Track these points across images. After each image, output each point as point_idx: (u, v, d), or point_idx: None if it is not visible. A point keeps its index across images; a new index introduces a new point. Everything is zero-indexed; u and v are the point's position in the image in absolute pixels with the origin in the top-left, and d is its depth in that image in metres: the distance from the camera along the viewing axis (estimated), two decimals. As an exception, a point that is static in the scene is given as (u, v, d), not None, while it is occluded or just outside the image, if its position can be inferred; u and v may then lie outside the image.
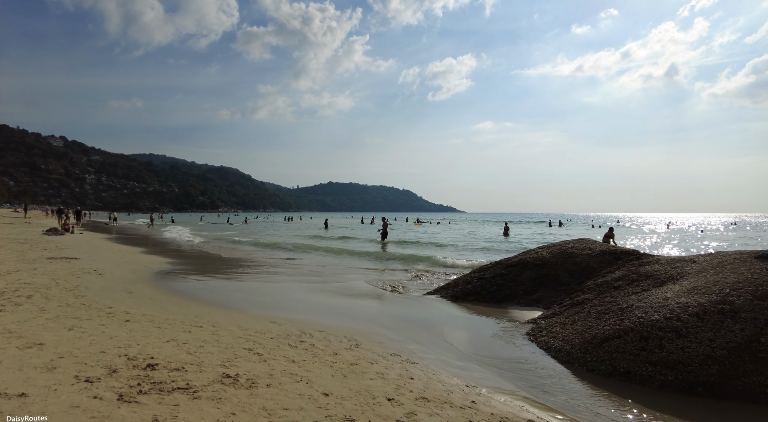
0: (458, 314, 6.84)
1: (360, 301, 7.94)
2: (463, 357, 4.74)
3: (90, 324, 4.92)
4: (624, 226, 57.36)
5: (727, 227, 58.34)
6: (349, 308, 7.26)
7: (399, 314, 6.87)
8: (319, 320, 6.20)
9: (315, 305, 7.35)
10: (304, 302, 7.59)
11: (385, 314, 6.80)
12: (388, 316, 6.67)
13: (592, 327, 4.85)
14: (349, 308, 7.19)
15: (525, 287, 7.57)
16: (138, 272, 10.15)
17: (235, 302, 7.29)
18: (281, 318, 6.11)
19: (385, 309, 7.23)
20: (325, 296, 8.42)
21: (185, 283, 9.19)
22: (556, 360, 4.70)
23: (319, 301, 7.80)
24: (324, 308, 7.19)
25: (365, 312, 6.94)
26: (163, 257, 14.51)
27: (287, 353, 4.35)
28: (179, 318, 5.61)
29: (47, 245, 15.01)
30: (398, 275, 11.19)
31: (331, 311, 6.95)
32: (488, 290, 7.74)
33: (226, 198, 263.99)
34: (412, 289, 9.23)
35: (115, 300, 6.54)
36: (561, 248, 8.05)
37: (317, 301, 7.79)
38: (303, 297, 8.15)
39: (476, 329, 5.94)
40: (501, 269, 8.08)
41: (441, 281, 10.09)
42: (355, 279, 10.75)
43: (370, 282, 10.03)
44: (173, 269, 11.21)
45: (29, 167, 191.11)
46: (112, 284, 7.99)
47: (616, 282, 6.21)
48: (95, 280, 8.33)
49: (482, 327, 6.08)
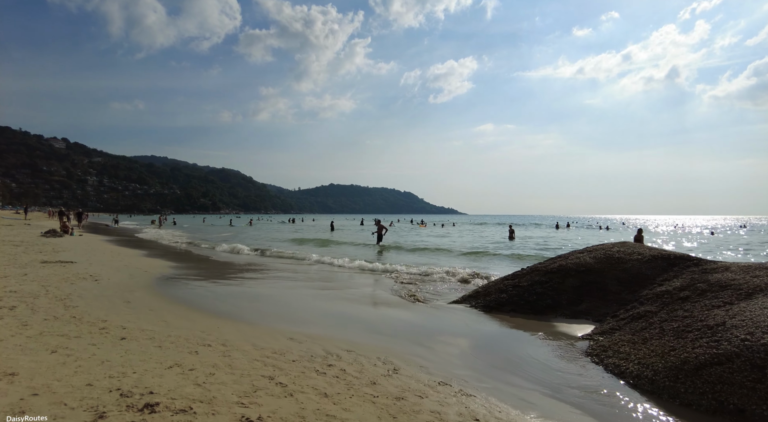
0: (498, 329, 6.05)
1: (382, 311, 7.16)
2: (523, 385, 3.95)
3: (79, 343, 4.15)
4: (629, 229, 56.48)
5: (735, 229, 57.35)
6: (371, 320, 6.48)
7: (430, 327, 6.09)
8: (343, 335, 5.42)
9: (333, 317, 6.58)
10: (320, 313, 6.82)
11: (413, 328, 6.02)
12: (418, 330, 5.89)
13: (677, 349, 4.06)
14: (371, 321, 6.41)
15: (568, 296, 6.78)
16: (137, 277, 9.38)
17: (245, 313, 6.51)
18: (300, 333, 5.34)
19: (413, 321, 6.45)
20: (342, 305, 7.65)
21: (189, 290, 8.42)
22: (635, 389, 3.92)
23: (337, 311, 7.03)
24: (344, 320, 6.41)
25: (391, 325, 6.16)
26: (164, 260, 13.75)
27: (316, 382, 3.58)
28: (183, 335, 4.84)
29: (43, 248, 14.27)
30: (417, 282, 10.39)
31: (353, 323, 6.17)
32: (526, 300, 6.95)
33: (227, 200, 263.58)
34: (433, 297, 8.44)
35: (111, 312, 5.77)
36: (606, 253, 7.26)
37: (334, 311, 7.02)
38: (318, 306, 7.37)
39: (525, 347, 5.15)
40: (539, 276, 7.29)
41: (461, 289, 9.30)
42: (369, 285, 9.98)
43: (387, 289, 9.25)
44: (176, 274, 10.44)
45: (31, 168, 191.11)
46: (109, 292, 7.22)
47: (682, 292, 5.42)
48: (90, 287, 7.56)
49: (530, 344, 5.29)
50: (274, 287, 9.40)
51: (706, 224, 79.24)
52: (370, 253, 18.63)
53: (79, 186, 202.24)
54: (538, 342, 5.39)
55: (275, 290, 9.01)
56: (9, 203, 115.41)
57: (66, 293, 6.71)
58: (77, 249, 14.67)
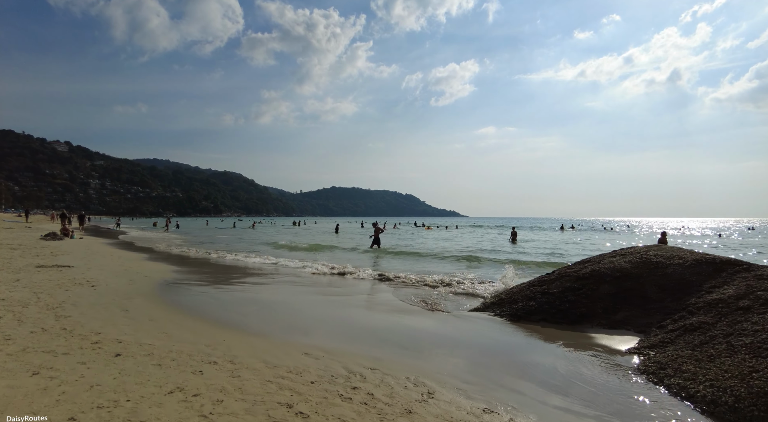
0: (532, 342, 5.50)
1: (399, 320, 6.61)
2: (581, 412, 3.41)
3: (66, 362, 3.63)
4: (634, 232, 55.78)
5: (742, 231, 56.53)
6: (389, 330, 5.93)
7: (456, 339, 5.55)
8: (362, 349, 4.88)
9: (348, 327, 6.04)
10: (333, 322, 6.28)
11: (438, 340, 5.48)
12: (443, 343, 5.35)
13: (760, 371, 3.50)
14: (390, 331, 5.86)
15: (604, 304, 6.22)
16: (137, 282, 8.87)
17: (253, 323, 5.98)
18: (315, 346, 4.80)
19: (436, 332, 5.91)
20: (354, 312, 7.11)
21: (192, 296, 7.90)
22: (712, 417, 3.36)
23: (351, 320, 6.49)
24: (359, 330, 5.87)
25: (413, 337, 5.62)
26: (167, 264, 13.24)
27: (342, 411, 3.04)
28: (187, 349, 4.31)
29: (41, 251, 13.79)
30: (425, 288, 9.83)
31: (370, 335, 5.63)
32: (558, 309, 6.40)
33: (229, 203, 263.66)
34: (451, 305, 7.88)
35: (107, 322, 5.25)
36: (642, 257, 6.70)
37: (348, 320, 6.48)
38: (330, 315, 6.84)
39: (568, 364, 4.60)
40: (570, 283, 6.74)
41: (476, 295, 8.73)
42: (380, 291, 9.43)
43: (400, 296, 8.69)
44: (178, 279, 9.92)
45: (34, 171, 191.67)
46: (106, 299, 6.70)
47: (741, 302, 4.87)
48: (86, 293, 7.05)
49: (573, 360, 4.74)
50: (281, 292, 8.87)
51: (712, 227, 78.31)
52: (373, 258, 18.08)
53: (81, 189, 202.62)
54: (580, 357, 4.84)
55: (282, 295, 8.48)
56: (12, 206, 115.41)
57: (59, 301, 6.20)
58: (76, 253, 14.18)
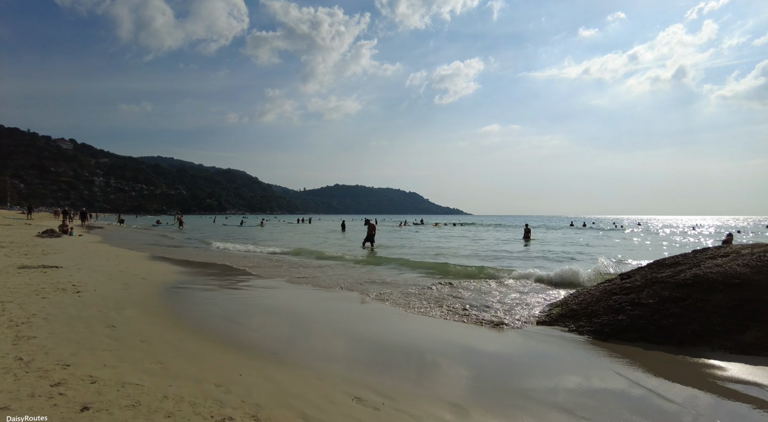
0: (642, 376, 4.14)
1: (451, 337, 5.26)
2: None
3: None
4: (649, 229, 54.14)
5: (759, 229, 54.59)
6: (450, 357, 4.57)
7: (547, 371, 4.21)
8: (431, 389, 3.55)
9: (397, 350, 4.68)
10: (375, 343, 4.96)
11: (522, 373, 4.15)
12: (533, 377, 4.02)
13: None
14: (452, 359, 4.50)
15: (722, 320, 4.86)
16: (132, 287, 7.58)
17: (273, 343, 4.67)
18: (365, 385, 3.48)
19: (510, 358, 4.57)
20: (397, 327, 5.78)
21: (197, 306, 6.57)
22: None
23: (399, 340, 5.14)
24: (414, 356, 4.51)
25: (486, 368, 4.28)
26: (168, 264, 11.98)
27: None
28: (188, 394, 3.01)
29: (31, 250, 12.59)
30: (463, 293, 8.46)
31: (431, 365, 4.29)
32: (658, 325, 5.04)
33: (233, 200, 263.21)
34: (506, 315, 6.51)
35: (82, 346, 3.95)
36: (759, 258, 5.33)
37: (394, 339, 5.14)
38: (368, 331, 5.52)
39: (711, 411, 3.26)
40: (668, 291, 5.37)
41: (524, 302, 7.36)
42: (418, 296, 8.09)
43: (442, 301, 7.34)
44: (180, 282, 8.63)
45: (39, 169, 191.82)
46: (89, 311, 5.41)
47: None
48: (67, 303, 5.76)
49: (717, 405, 3.40)
50: (307, 299, 7.55)
51: (730, 225, 75.98)
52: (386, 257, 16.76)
53: (86, 187, 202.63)
54: (725, 402, 3.49)
55: (308, 303, 7.16)
56: (17, 203, 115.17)
57: (28, 314, 4.91)
58: (69, 251, 12.97)
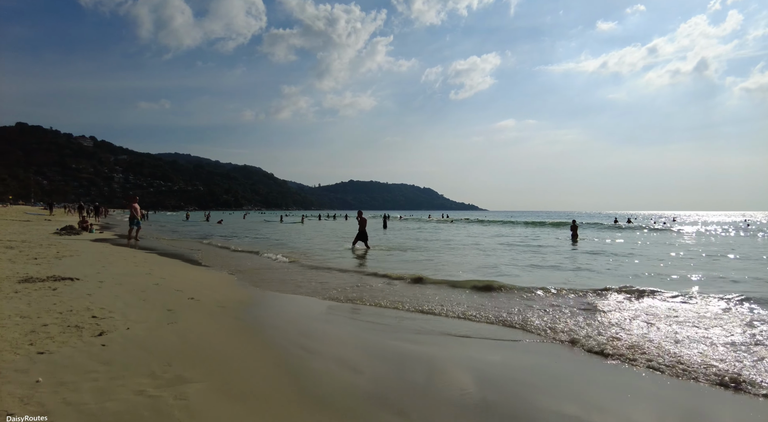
0: None
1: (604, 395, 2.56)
2: None
3: None
4: (701, 229, 49.95)
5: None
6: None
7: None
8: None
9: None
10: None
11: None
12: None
13: None
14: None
15: None
16: (181, 317, 5.00)
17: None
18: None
19: None
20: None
21: (304, 363, 3.99)
22: None
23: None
24: None
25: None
26: (220, 271, 9.55)
27: None
28: None
29: (43, 252, 10.34)
30: (535, 303, 5.69)
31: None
32: None
33: (249, 196, 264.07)
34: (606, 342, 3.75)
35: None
36: None
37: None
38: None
39: None
40: None
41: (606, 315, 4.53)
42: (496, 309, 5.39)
43: (540, 334, 4.61)
44: (254, 300, 6.09)
45: (61, 166, 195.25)
46: (123, 393, 2.88)
47: None
48: (81, 365, 3.21)
49: None
50: (469, 348, 4.93)
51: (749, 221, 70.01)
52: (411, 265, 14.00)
53: (105, 183, 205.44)
54: None
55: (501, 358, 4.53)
56: (41, 199, 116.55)
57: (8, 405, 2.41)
58: (87, 255, 10.67)
